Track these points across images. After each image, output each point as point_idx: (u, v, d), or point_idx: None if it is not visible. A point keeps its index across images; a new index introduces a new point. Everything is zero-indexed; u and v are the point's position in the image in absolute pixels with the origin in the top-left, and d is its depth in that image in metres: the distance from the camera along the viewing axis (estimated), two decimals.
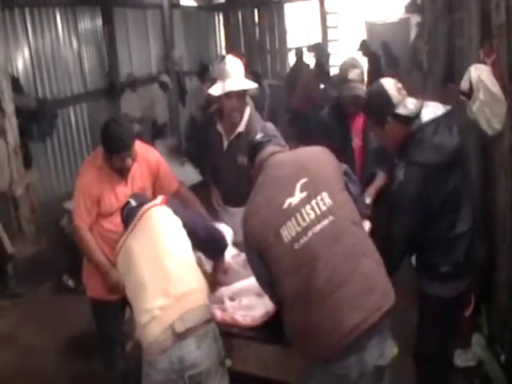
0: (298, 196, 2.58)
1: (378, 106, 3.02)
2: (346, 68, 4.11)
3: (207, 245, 3.21)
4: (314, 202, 2.56)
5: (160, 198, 3.12)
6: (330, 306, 2.42)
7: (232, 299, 3.23)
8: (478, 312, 4.32)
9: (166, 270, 2.79)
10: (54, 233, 6.56)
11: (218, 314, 3.10)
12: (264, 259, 2.62)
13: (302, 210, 2.55)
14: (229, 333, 2.95)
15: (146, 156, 3.69)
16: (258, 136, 2.93)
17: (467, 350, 4.10)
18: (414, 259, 3.23)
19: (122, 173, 3.54)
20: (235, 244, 3.62)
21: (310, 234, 2.51)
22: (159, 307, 2.68)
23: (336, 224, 2.54)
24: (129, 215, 3.08)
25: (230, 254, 3.51)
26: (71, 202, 3.82)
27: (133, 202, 3.14)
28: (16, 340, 5.21)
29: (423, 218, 2.95)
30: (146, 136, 8.86)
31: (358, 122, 4.17)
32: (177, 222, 3.00)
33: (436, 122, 2.94)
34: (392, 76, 3.34)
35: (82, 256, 3.70)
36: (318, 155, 2.79)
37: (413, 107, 2.94)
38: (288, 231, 2.54)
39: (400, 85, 3.02)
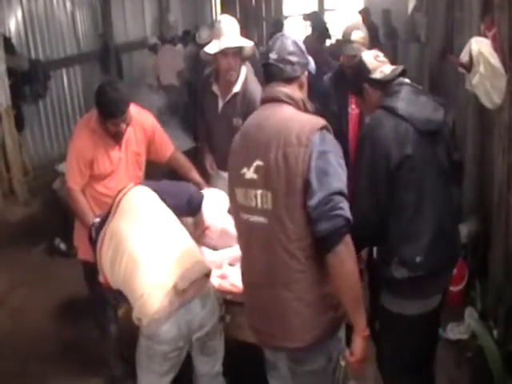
0: (250, 173, 2.31)
1: (355, 75, 2.96)
2: (349, 29, 4.10)
3: (186, 206, 3.17)
4: (259, 193, 2.27)
5: (131, 184, 3.06)
6: (250, 292, 2.51)
7: (232, 265, 3.26)
8: (470, 287, 4.37)
9: (157, 240, 2.79)
10: (46, 196, 6.55)
11: (217, 281, 3.12)
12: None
13: (248, 190, 2.32)
14: (223, 299, 2.95)
15: (142, 121, 3.65)
16: (273, 55, 2.39)
17: (460, 322, 4.14)
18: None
19: (116, 137, 3.51)
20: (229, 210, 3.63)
21: (247, 216, 2.35)
22: (158, 275, 2.68)
23: (266, 231, 2.28)
24: (97, 232, 2.98)
25: (225, 219, 3.51)
26: (64, 165, 3.78)
27: (96, 220, 3.07)
28: (7, 303, 5.22)
29: (385, 177, 2.54)
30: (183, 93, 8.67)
31: None
32: (155, 196, 2.98)
33: (418, 90, 2.78)
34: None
35: (74, 219, 3.68)
36: (291, 146, 2.21)
37: (389, 72, 2.80)
38: (239, 194, 2.38)
39: (381, 54, 2.91)
